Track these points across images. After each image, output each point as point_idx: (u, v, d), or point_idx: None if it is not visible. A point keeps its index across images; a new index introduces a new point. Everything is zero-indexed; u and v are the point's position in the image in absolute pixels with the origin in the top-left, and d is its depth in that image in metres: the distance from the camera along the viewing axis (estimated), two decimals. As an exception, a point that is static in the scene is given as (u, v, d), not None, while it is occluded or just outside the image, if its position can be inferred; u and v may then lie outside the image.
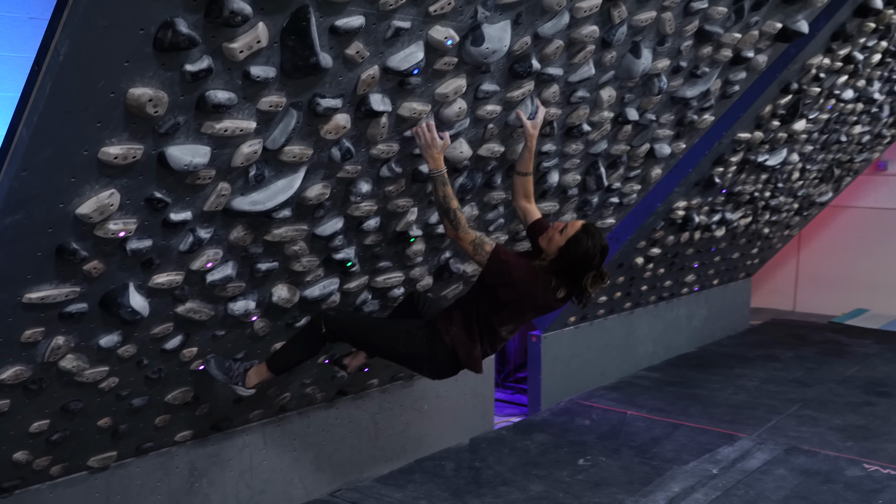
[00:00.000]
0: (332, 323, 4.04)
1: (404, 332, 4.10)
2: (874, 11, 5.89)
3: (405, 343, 4.05)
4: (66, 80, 2.53)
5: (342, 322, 4.12)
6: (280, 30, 2.87)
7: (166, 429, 4.53)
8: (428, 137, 3.66)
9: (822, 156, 7.94)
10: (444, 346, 4.00)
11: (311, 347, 4.15)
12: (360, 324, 4.28)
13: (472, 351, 4.01)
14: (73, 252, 3.09)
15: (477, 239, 3.80)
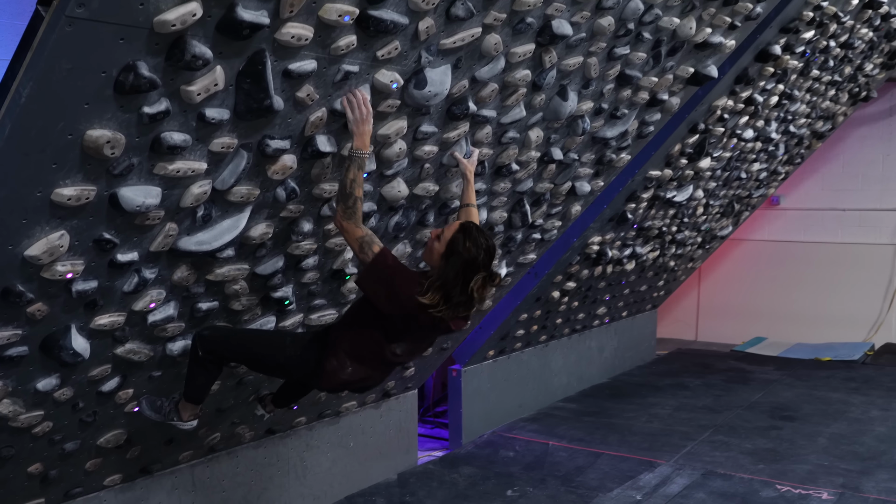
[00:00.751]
0: (206, 343, 3.74)
1: (290, 335, 4.00)
2: (773, 57, 6.27)
3: (291, 346, 3.79)
4: (25, 121, 2.53)
5: (217, 339, 3.81)
6: (236, 73, 2.92)
7: (96, 473, 4.42)
8: (362, 111, 3.35)
9: (724, 192, 8.33)
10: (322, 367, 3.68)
11: (204, 373, 3.86)
12: (239, 334, 4.00)
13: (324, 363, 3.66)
14: (18, 294, 3.05)
15: (367, 237, 3.42)
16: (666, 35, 4.73)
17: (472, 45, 3.65)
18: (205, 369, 3.79)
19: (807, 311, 10.70)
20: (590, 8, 4.02)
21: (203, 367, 3.77)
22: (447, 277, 3.36)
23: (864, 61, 8.04)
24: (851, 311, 10.52)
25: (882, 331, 10.36)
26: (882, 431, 6.91)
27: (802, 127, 8.29)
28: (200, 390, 3.91)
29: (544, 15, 3.83)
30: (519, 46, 3.87)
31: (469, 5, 3.39)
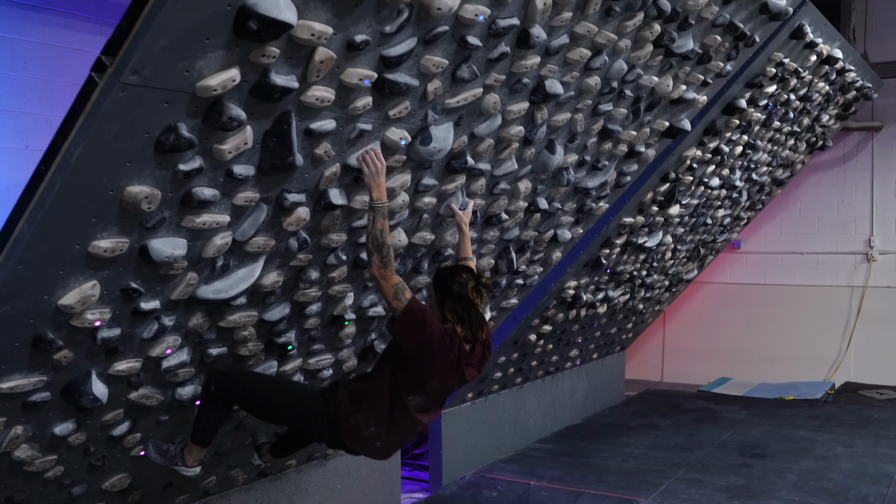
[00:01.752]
0: (219, 378, 3.85)
1: (300, 385, 4.09)
2: (739, 110, 6.61)
3: (301, 394, 3.93)
4: (74, 179, 2.70)
5: (232, 374, 3.97)
6: (263, 132, 3.11)
7: (98, 518, 4.51)
8: (377, 165, 3.57)
9: (691, 237, 8.65)
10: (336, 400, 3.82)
11: (214, 411, 3.95)
12: (252, 377, 4.12)
13: (350, 421, 3.80)
14: (49, 342, 3.18)
15: (400, 284, 3.63)
16: (645, 92, 5.02)
17: (473, 104, 3.88)
18: (215, 406, 3.88)
19: (769, 352, 11.03)
20: (579, 69, 4.28)
21: (214, 403, 3.87)
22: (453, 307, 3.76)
23: (821, 112, 8.45)
24: (811, 351, 10.86)
25: (841, 370, 10.71)
26: (848, 467, 7.17)
27: (764, 175, 8.65)
28: (207, 432, 4.01)
29: (538, 76, 4.08)
30: (514, 104, 4.12)
31: (474, 68, 3.63)
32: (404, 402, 3.76)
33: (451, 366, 3.69)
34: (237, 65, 2.77)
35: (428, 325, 3.59)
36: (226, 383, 3.83)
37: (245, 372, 4.14)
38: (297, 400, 3.87)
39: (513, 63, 3.85)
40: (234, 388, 3.86)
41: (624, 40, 4.35)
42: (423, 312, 3.62)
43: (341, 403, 3.79)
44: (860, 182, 10.81)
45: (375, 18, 3.05)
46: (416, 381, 3.75)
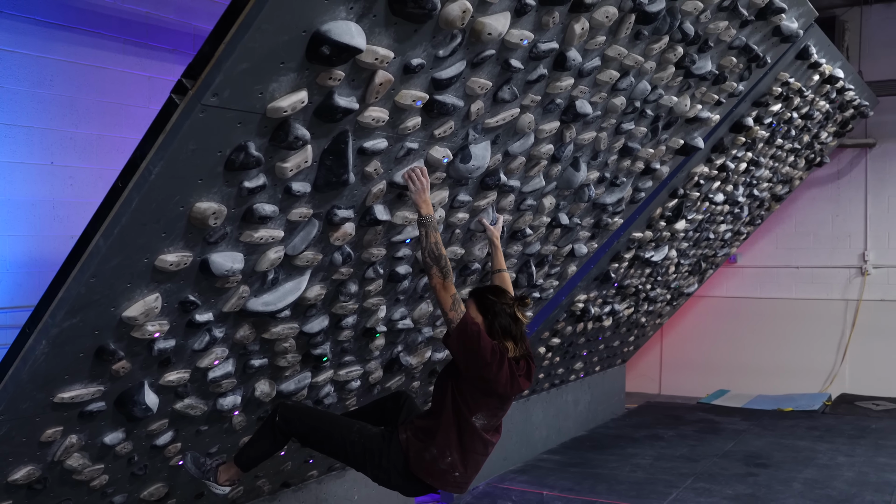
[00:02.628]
0: (286, 411, 3.95)
1: (359, 425, 3.98)
2: (746, 128, 6.80)
3: (359, 433, 3.91)
4: (150, 195, 2.82)
5: (297, 411, 4.04)
6: (322, 151, 3.24)
7: (132, 527, 4.60)
8: (423, 182, 3.67)
9: (694, 251, 8.82)
10: (399, 443, 3.84)
11: (269, 442, 4.02)
12: (316, 414, 4.16)
13: (423, 455, 3.81)
14: (111, 353, 3.29)
15: (458, 295, 3.72)
16: (664, 111, 5.19)
17: (509, 124, 4.03)
18: (272, 439, 3.96)
19: (766, 364, 11.20)
20: (607, 89, 4.44)
21: (273, 435, 3.94)
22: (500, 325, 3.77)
23: (820, 130, 8.66)
24: (807, 363, 11.05)
25: (836, 382, 10.90)
26: (850, 476, 7.34)
27: (764, 190, 8.85)
28: (254, 459, 4.07)
29: (570, 96, 4.23)
30: (546, 124, 4.27)
31: (514, 89, 3.78)
32: (470, 424, 3.79)
33: (506, 379, 3.73)
34: (306, 87, 2.91)
35: (482, 338, 3.66)
36: (291, 417, 3.92)
37: (310, 410, 4.21)
38: (356, 439, 3.88)
39: (548, 84, 4.00)
40: (297, 425, 3.93)
41: (649, 62, 4.52)
42: (477, 326, 3.69)
43: (409, 444, 3.82)
44: (854, 197, 11.04)
45: (431, 43, 3.19)
46: (477, 399, 3.78)
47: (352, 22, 2.79)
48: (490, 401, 3.83)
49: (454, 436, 3.79)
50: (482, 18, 3.27)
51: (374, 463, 3.88)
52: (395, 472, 3.88)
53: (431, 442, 3.78)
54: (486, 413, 3.85)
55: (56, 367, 3.20)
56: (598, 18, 3.79)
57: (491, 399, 3.82)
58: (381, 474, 3.93)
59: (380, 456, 3.84)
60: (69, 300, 2.96)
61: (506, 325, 3.78)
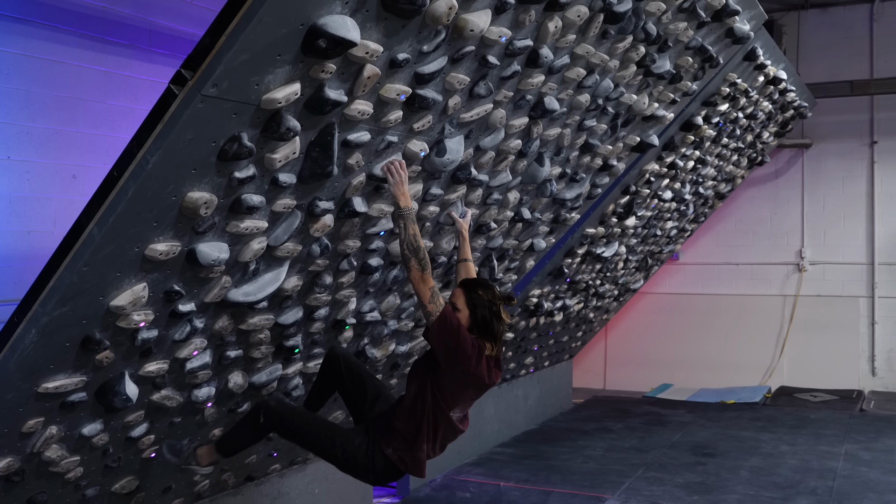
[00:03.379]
0: (270, 414, 4.03)
1: (342, 437, 4.02)
2: (695, 127, 7.02)
3: (342, 447, 3.98)
4: (146, 185, 2.86)
5: (281, 415, 4.07)
6: (308, 143, 3.31)
7: (101, 520, 4.59)
8: (401, 174, 3.73)
9: (641, 248, 9.05)
10: (384, 456, 3.95)
11: (252, 435, 4.14)
12: (299, 420, 4.12)
13: (416, 455, 3.95)
14: (97, 342, 3.31)
15: (435, 288, 3.77)
16: (623, 109, 5.35)
17: (482, 119, 4.14)
18: (255, 434, 4.07)
19: (708, 358, 11.51)
20: (573, 86, 4.58)
21: (255, 432, 4.06)
22: (483, 321, 3.84)
23: (763, 130, 8.96)
24: (748, 357, 11.39)
25: (775, 375, 11.26)
26: (794, 463, 7.62)
27: (709, 188, 9.12)
28: (235, 448, 4.20)
29: (539, 93, 4.36)
30: (516, 119, 4.39)
31: (490, 85, 3.89)
32: (448, 420, 3.92)
33: (485, 371, 3.84)
34: (299, 79, 2.97)
35: (461, 332, 3.74)
36: (275, 420, 4.02)
37: (294, 413, 4.16)
38: (340, 451, 3.97)
39: (521, 81, 4.12)
40: (280, 426, 4.03)
41: (613, 61, 4.67)
42: (457, 320, 3.75)
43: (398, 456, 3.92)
44: (791, 196, 11.43)
45: (416, 38, 3.28)
46: (454, 393, 3.88)
47: (347, 16, 2.87)
48: (468, 392, 3.95)
49: (433, 432, 3.93)
50: (465, 15, 3.37)
51: (360, 472, 4.03)
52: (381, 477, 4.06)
53: (414, 445, 3.91)
54: (462, 406, 4.00)
55: (43, 357, 3.21)
56: (571, 17, 3.92)
57: (468, 391, 3.95)
58: (364, 478, 4.09)
59: (365, 470, 3.99)
60: (61, 289, 2.99)
61: (488, 322, 3.84)
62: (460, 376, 3.83)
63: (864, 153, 11.07)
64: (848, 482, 7.03)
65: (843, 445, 8.24)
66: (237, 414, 4.70)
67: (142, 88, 6.82)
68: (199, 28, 7.15)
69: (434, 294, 3.74)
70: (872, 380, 10.98)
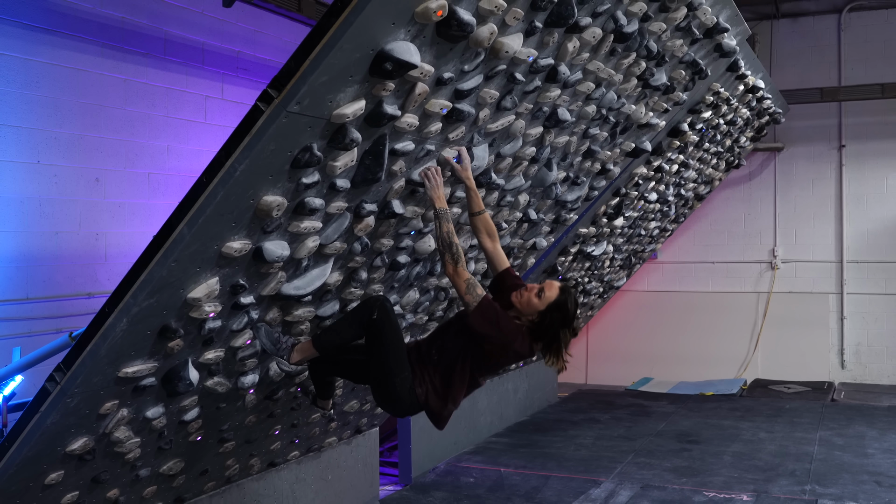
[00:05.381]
0: (384, 313, 4.07)
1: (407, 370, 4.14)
2: (681, 133, 7.49)
3: (402, 379, 4.12)
4: (232, 190, 3.25)
5: (390, 316, 4.11)
6: (363, 152, 3.71)
7: (147, 501, 4.94)
8: (437, 179, 4.06)
9: (627, 246, 9.52)
10: (416, 396, 4.15)
11: (356, 329, 4.16)
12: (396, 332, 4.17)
13: (442, 412, 4.23)
14: (174, 331, 3.68)
15: (472, 280, 3.96)
16: (623, 118, 5.80)
17: (505, 129, 4.56)
18: (357, 331, 4.13)
19: (686, 353, 12.03)
20: (583, 99, 5.02)
21: (360, 328, 4.11)
22: (542, 327, 4.08)
23: (740, 135, 9.47)
24: (723, 351, 11.94)
25: (750, 368, 11.81)
26: (773, 448, 8.13)
27: (689, 190, 9.61)
28: (335, 346, 4.23)
29: (554, 105, 4.79)
30: (533, 129, 4.82)
31: (515, 98, 4.31)
32: (477, 383, 4.29)
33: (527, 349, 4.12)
34: (364, 97, 3.37)
35: (501, 321, 3.98)
36: (384, 319, 4.06)
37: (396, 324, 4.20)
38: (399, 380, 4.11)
39: (540, 94, 4.55)
40: (386, 325, 4.07)
41: (618, 75, 5.11)
42: (495, 308, 4.00)
43: (428, 401, 4.17)
44: (764, 197, 11.99)
45: (460, 59, 3.69)
46: (492, 367, 4.23)
47: (410, 42, 3.27)
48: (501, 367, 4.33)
49: (463, 393, 4.28)
50: (501, 38, 3.79)
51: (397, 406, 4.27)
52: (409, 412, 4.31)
53: (447, 401, 4.21)
54: (494, 372, 4.40)
55: (128, 344, 3.58)
56: (587, 38, 4.36)
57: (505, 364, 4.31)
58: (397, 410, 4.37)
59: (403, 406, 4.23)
60: (152, 282, 3.36)
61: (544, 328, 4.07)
62: (501, 354, 4.12)
63: (833, 156, 11.65)
64: (824, 465, 7.55)
65: (818, 432, 8.77)
66: (273, 401, 5.08)
67: (158, 95, 7.17)
68: (208, 37, 7.53)
69: (470, 285, 3.99)
70: (842, 372, 11.57)
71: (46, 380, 3.54)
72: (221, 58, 7.76)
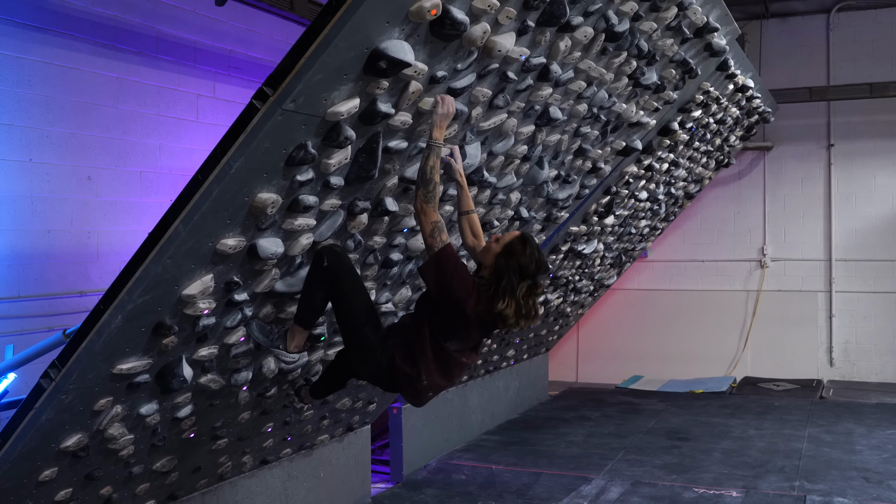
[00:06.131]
0: (334, 258, 3.92)
1: (377, 321, 4.05)
2: (672, 132, 7.54)
3: (373, 330, 3.98)
4: (227, 187, 3.27)
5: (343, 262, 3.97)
6: (357, 149, 3.73)
7: (139, 498, 4.95)
8: (449, 108, 3.74)
9: (617, 245, 9.57)
10: (388, 349, 3.97)
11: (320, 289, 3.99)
12: (354, 279, 4.03)
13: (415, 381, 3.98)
14: (168, 328, 3.70)
15: (440, 223, 3.74)
16: (614, 116, 5.84)
17: (497, 127, 4.59)
18: (322, 285, 3.93)
19: (676, 351, 12.09)
20: (574, 97, 5.05)
21: (321, 281, 3.92)
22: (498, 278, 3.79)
23: (730, 134, 9.53)
24: (713, 349, 12.00)
25: (740, 366, 11.87)
26: (762, 445, 8.19)
27: (680, 189, 9.67)
28: (312, 312, 4.09)
29: (546, 103, 4.82)
30: (524, 127, 4.85)
31: (507, 97, 4.34)
32: (444, 349, 3.93)
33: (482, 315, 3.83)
34: (358, 95, 3.40)
35: (456, 275, 3.75)
36: (337, 264, 3.90)
37: (353, 270, 4.06)
38: (370, 330, 3.97)
39: (532, 93, 4.58)
40: (340, 272, 3.90)
41: (609, 74, 5.15)
42: (454, 262, 3.76)
43: (395, 355, 3.95)
44: (754, 196, 12.05)
45: (454, 58, 3.72)
46: (450, 328, 3.89)
47: (404, 41, 3.30)
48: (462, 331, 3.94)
49: (431, 360, 3.95)
50: (494, 37, 3.82)
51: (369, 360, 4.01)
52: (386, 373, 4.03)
53: (413, 361, 3.95)
54: (459, 341, 3.97)
55: (123, 341, 3.59)
56: (578, 37, 4.39)
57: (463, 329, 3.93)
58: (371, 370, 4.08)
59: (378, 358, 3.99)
60: (147, 279, 3.38)
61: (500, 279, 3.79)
62: (454, 313, 3.84)
63: (822, 155, 11.72)
64: (812, 461, 7.61)
65: (807, 429, 8.83)
66: (266, 398, 5.10)
67: (150, 93, 7.17)
68: (201, 35, 7.54)
69: (436, 229, 3.75)
70: (831, 370, 11.64)
71: (41, 376, 3.55)
72: (214, 56, 7.77)
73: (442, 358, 3.99)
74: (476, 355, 4.20)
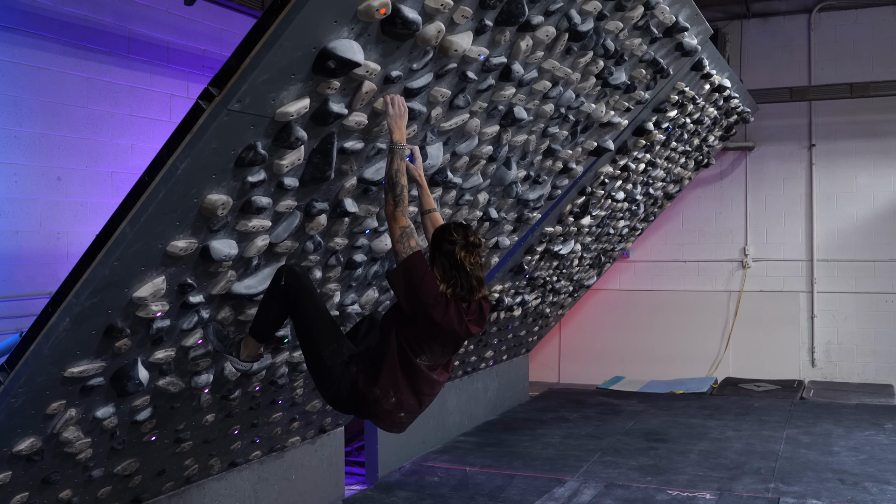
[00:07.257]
0: (292, 277, 3.88)
1: (339, 340, 3.93)
2: (647, 132, 7.52)
3: (332, 351, 3.89)
4: (174, 188, 3.23)
5: (301, 281, 3.92)
6: (311, 150, 3.70)
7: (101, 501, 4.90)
8: (400, 108, 3.70)
9: (595, 245, 9.54)
10: (349, 375, 3.89)
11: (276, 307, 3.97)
12: (312, 298, 3.96)
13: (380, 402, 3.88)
14: (120, 330, 3.66)
15: (409, 228, 3.71)
16: (583, 116, 5.81)
17: (459, 127, 4.55)
18: (279, 304, 3.90)
19: (657, 352, 12.07)
20: (539, 97, 5.02)
21: (278, 300, 3.89)
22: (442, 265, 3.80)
23: (708, 134, 9.52)
24: (695, 350, 11.99)
25: (721, 366, 11.86)
26: (739, 447, 8.17)
27: (658, 189, 9.65)
28: (267, 327, 4.05)
29: (510, 103, 4.79)
30: (489, 127, 4.82)
31: (468, 97, 4.31)
32: (413, 364, 3.83)
33: (453, 323, 3.78)
34: (308, 95, 3.36)
35: (425, 281, 3.71)
36: (294, 285, 3.86)
37: (312, 289, 4.01)
38: (328, 353, 3.88)
39: (494, 93, 4.55)
40: (296, 295, 3.86)
41: (575, 74, 5.12)
42: (422, 269, 3.72)
43: (357, 379, 3.86)
44: (735, 196, 12.04)
45: (408, 58, 3.69)
46: (420, 341, 3.81)
47: (353, 40, 3.26)
48: (434, 345, 3.86)
49: (400, 377, 3.84)
50: (450, 37, 3.78)
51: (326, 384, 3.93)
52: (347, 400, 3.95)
53: (375, 381, 3.84)
54: (430, 355, 3.89)
55: (72, 344, 3.55)
56: (540, 36, 4.36)
57: (435, 343, 3.85)
58: (333, 397, 3.99)
59: (335, 383, 3.90)
60: (94, 281, 3.33)
61: (444, 265, 3.79)
62: (425, 325, 3.78)
63: (804, 156, 11.72)
64: (789, 463, 7.60)
65: (785, 430, 8.82)
66: (230, 401, 5.06)
67: (121, 94, 7.12)
68: (174, 35, 7.50)
69: (405, 234, 3.72)
70: (812, 370, 11.64)
71: (-11, 380, 3.51)
72: (187, 56, 7.72)
73: (411, 375, 3.89)
74: (447, 374, 4.10)
